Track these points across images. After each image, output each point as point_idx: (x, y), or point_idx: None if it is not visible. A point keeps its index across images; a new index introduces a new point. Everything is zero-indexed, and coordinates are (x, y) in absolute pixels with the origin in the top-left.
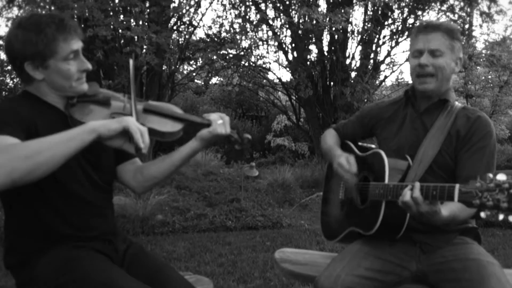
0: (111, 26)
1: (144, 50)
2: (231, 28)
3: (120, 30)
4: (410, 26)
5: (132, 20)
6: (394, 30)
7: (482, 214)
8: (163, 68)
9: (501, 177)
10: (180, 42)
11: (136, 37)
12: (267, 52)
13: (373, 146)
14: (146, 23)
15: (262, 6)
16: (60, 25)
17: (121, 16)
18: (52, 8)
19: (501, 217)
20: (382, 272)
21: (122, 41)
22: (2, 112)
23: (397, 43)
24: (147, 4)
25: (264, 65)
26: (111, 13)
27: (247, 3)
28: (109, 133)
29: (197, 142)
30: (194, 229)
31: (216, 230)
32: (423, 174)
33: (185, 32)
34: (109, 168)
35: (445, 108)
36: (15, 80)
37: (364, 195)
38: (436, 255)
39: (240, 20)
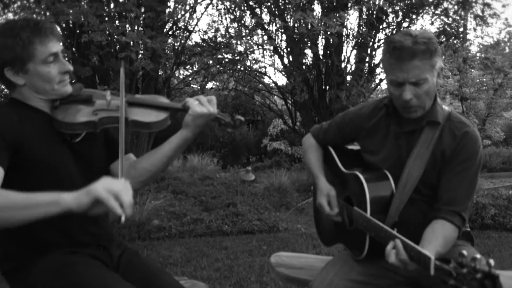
0: (107, 32)
1: (140, 55)
2: (227, 33)
3: (115, 36)
4: (405, 29)
5: (127, 26)
6: (389, 34)
7: None
8: (159, 73)
9: (477, 263)
10: (176, 47)
11: (131, 42)
12: (263, 57)
13: (358, 148)
14: (141, 29)
15: (257, 10)
16: (35, 28)
17: (116, 22)
18: (48, 13)
19: None
20: (375, 275)
21: (118, 46)
22: None
23: None
24: (142, 10)
25: (260, 69)
26: (106, 19)
27: (242, 8)
28: (81, 208)
29: (185, 130)
30: (190, 234)
31: (213, 234)
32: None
33: (180, 37)
34: (102, 170)
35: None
36: None
37: (350, 216)
38: None
39: (235, 25)
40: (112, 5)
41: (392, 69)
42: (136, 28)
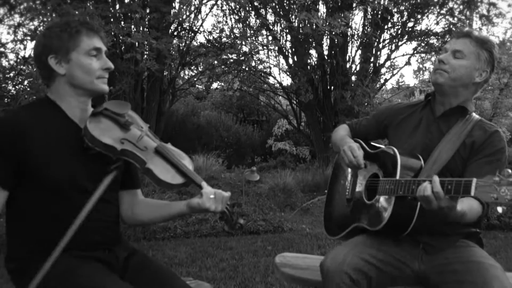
0: (112, 33)
1: (145, 56)
2: (231, 33)
3: (120, 37)
4: (410, 29)
5: (132, 27)
6: (394, 34)
7: (499, 209)
8: (164, 74)
9: None
10: (181, 48)
11: (136, 43)
12: (267, 57)
13: (383, 146)
14: (147, 29)
15: (262, 11)
16: (84, 22)
17: (122, 23)
18: (54, 15)
19: (500, 210)
20: (384, 262)
21: (123, 47)
22: None
23: (397, 47)
24: (148, 11)
25: (264, 70)
26: (112, 20)
27: (247, 8)
28: None
29: (186, 208)
30: (195, 234)
31: (218, 235)
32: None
33: (185, 38)
34: (115, 179)
35: (463, 116)
36: (17, 87)
37: (372, 191)
38: (438, 256)
39: (240, 25)
40: (117, 6)
41: (448, 43)
42: (141, 29)
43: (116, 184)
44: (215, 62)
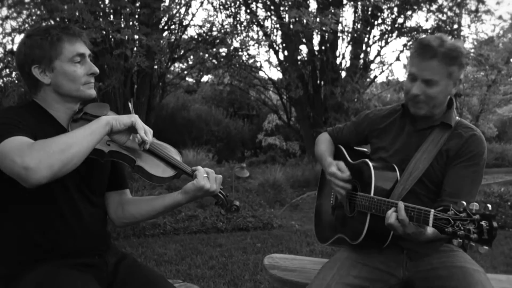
0: (101, 28)
1: (135, 53)
2: (222, 29)
3: (110, 32)
4: (400, 26)
5: (122, 20)
6: (384, 30)
7: (454, 242)
8: (154, 68)
9: (474, 207)
10: (171, 42)
11: (126, 37)
12: (258, 54)
13: (365, 150)
14: (136, 24)
15: (253, 6)
16: (65, 28)
17: (111, 17)
18: (42, 8)
19: (455, 242)
20: (370, 279)
21: (113, 40)
22: (10, 118)
23: (386, 43)
24: (138, 5)
25: (254, 65)
26: (101, 15)
27: (237, 3)
28: (119, 126)
29: (181, 195)
30: (185, 231)
31: (207, 231)
32: (411, 187)
33: (176, 32)
34: (98, 190)
35: (444, 128)
36: (5, 79)
37: (352, 204)
38: (423, 262)
39: (231, 20)
40: (107, 1)
41: (413, 63)
42: (131, 24)
43: (103, 188)
44: (206, 55)
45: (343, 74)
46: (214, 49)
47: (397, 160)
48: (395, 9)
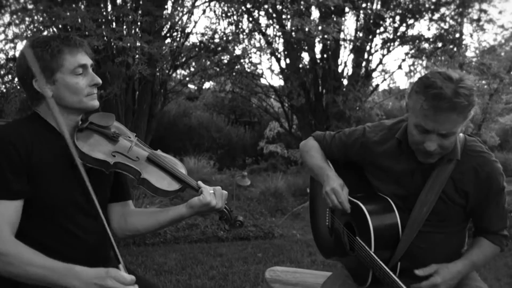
0: (104, 37)
1: (137, 60)
2: (224, 36)
3: (112, 40)
4: (402, 34)
5: (124, 27)
6: (386, 39)
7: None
8: (156, 75)
9: None
10: (173, 49)
11: (128, 44)
12: (260, 62)
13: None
14: (138, 31)
15: (255, 14)
16: (65, 39)
17: (113, 24)
18: (45, 15)
19: None
20: None
21: (115, 47)
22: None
23: (388, 51)
24: (140, 13)
25: (256, 72)
26: (103, 22)
27: (240, 11)
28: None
29: (185, 209)
30: (185, 240)
31: (208, 240)
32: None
33: (178, 39)
34: (103, 203)
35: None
36: (7, 85)
37: (351, 242)
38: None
39: (233, 27)
40: (109, 9)
41: (424, 116)
42: (133, 32)
43: (105, 201)
44: (208, 62)
45: (345, 82)
46: (216, 57)
47: (401, 199)
48: (397, 18)
